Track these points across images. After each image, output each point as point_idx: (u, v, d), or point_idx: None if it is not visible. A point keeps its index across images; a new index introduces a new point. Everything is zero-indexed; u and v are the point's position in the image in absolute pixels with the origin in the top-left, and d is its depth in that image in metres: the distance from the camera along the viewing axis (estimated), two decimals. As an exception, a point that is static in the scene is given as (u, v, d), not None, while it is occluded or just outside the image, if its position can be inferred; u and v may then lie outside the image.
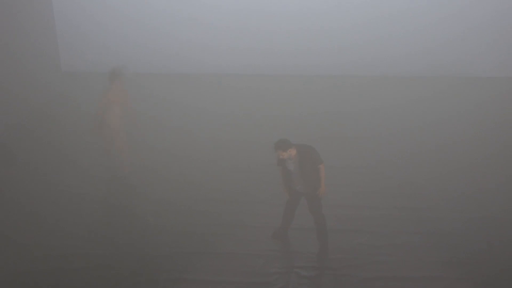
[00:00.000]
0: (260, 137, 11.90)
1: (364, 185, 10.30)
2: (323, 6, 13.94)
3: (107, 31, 14.56)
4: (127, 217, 9.53)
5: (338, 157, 11.16)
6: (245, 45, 14.39)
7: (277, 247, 8.78)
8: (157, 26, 14.51)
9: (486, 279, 8.14)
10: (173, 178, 10.59)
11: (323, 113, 12.83)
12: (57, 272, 8.34)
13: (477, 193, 10.00)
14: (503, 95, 13.30)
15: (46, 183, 10.44)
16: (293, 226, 9.22)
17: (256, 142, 11.73)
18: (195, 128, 12.33)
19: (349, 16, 13.97)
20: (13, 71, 12.30)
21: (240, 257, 8.61)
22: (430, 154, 11.19)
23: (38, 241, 8.98)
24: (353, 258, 8.56)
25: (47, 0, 13.78)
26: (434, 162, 10.93)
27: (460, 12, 13.74)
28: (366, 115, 12.68)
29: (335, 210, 9.62)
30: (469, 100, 13.17)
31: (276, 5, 14.04)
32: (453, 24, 13.85)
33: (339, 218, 9.43)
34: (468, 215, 9.46)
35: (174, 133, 12.15)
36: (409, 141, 11.66)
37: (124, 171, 10.43)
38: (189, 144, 11.71)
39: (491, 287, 8.00)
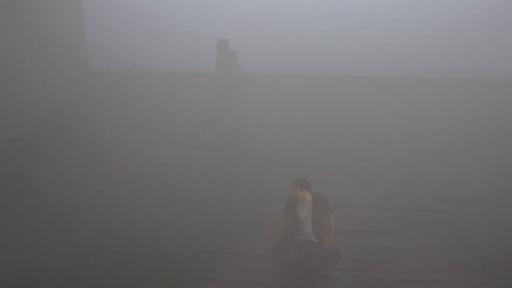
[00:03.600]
0: (284, 136, 11.91)
1: (385, 186, 10.26)
2: (346, 4, 13.91)
3: (135, 30, 14.69)
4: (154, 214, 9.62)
5: (360, 158, 11.13)
6: (250, 44, 14.43)
7: (300, 247, 8.78)
8: (184, 26, 14.59)
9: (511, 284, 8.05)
10: (198, 176, 10.65)
11: (343, 113, 12.80)
12: (78, 269, 8.44)
13: (501, 195, 9.90)
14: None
15: (72, 180, 10.58)
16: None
17: (284, 142, 11.74)
18: (221, 126, 12.37)
19: (368, 17, 13.93)
20: (42, 69, 12.48)
21: (263, 257, 8.63)
22: (453, 155, 11.10)
23: (62, 237, 9.09)
24: (376, 260, 8.53)
25: (76, -1, 13.96)
26: (458, 163, 10.84)
27: (482, 14, 13.61)
28: (388, 115, 12.62)
29: (357, 211, 9.60)
30: (495, 101, 13.03)
31: (278, 5, 14.03)
32: (474, 26, 13.73)
33: (361, 219, 9.40)
34: (491, 218, 9.37)
35: (200, 131, 12.21)
36: (431, 142, 11.57)
37: (231, 142, 11.75)
38: (214, 142, 11.76)
39: (516, 291, 7.93)
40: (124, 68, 14.95)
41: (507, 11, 13.55)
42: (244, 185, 10.37)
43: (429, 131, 11.97)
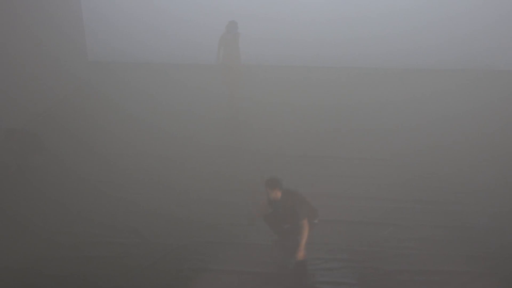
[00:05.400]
0: (286, 128, 11.88)
1: (387, 177, 10.23)
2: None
3: (134, 21, 14.62)
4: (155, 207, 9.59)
5: (362, 149, 11.10)
6: (250, 35, 14.39)
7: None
8: (183, 17, 14.53)
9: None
10: (197, 168, 10.62)
11: (345, 105, 12.76)
12: (79, 260, 8.42)
13: (502, 187, 9.88)
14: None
15: (71, 171, 10.54)
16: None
17: (281, 133, 11.71)
18: (219, 118, 12.34)
19: (369, 9, 13.89)
20: (41, 60, 12.41)
21: (263, 248, 8.61)
22: (454, 147, 11.08)
23: (61, 228, 9.07)
24: (376, 251, 8.51)
25: (74, -11, 13.88)
26: (459, 155, 10.82)
27: (482, 5, 13.57)
28: (389, 107, 12.59)
29: (358, 202, 9.57)
30: (495, 92, 13.00)
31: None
32: (475, 17, 13.69)
33: (362, 210, 9.38)
34: (493, 209, 9.35)
35: (198, 122, 12.17)
36: (433, 133, 11.55)
37: (234, 106, 12.50)
38: (213, 134, 11.73)
39: (517, 283, 7.91)
40: (123, 59, 14.89)
41: (508, 2, 13.50)
42: (244, 177, 10.34)
43: (430, 123, 11.94)
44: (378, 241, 8.70)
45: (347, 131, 11.73)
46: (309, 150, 11.13)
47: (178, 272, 8.15)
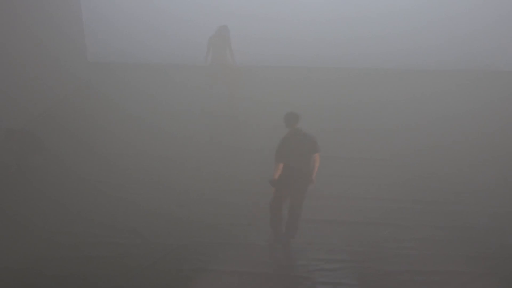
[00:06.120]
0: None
1: (387, 177, 10.23)
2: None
3: (134, 22, 14.61)
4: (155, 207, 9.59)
5: (362, 149, 11.10)
6: (250, 35, 14.38)
7: (300, 240, 8.77)
8: (183, 17, 14.53)
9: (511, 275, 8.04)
10: (197, 168, 10.62)
11: (345, 105, 12.76)
12: (79, 260, 8.41)
13: (502, 187, 9.87)
14: (532, 88, 13.10)
15: (71, 171, 10.53)
16: (316, 219, 9.18)
17: (281, 133, 11.70)
18: (219, 118, 12.33)
19: (370, 9, 13.88)
20: (41, 61, 12.40)
21: (263, 248, 8.61)
22: (454, 147, 11.08)
23: (61, 228, 9.06)
24: (376, 251, 8.51)
25: (74, -11, 13.87)
26: (459, 155, 10.82)
27: (482, 6, 13.58)
28: (389, 107, 12.58)
29: (358, 202, 9.57)
30: (495, 92, 12.99)
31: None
32: (480, 16, 13.69)
33: (362, 210, 9.38)
34: (493, 209, 9.35)
35: (198, 122, 12.17)
36: (433, 133, 11.55)
37: (234, 106, 12.53)
38: (213, 134, 11.72)
39: (517, 283, 7.91)
40: (123, 60, 14.88)
41: (508, 2, 13.50)
42: (244, 177, 10.33)
43: (430, 123, 11.94)
44: (378, 241, 8.69)
45: (347, 131, 11.73)
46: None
47: (178, 272, 8.14)
